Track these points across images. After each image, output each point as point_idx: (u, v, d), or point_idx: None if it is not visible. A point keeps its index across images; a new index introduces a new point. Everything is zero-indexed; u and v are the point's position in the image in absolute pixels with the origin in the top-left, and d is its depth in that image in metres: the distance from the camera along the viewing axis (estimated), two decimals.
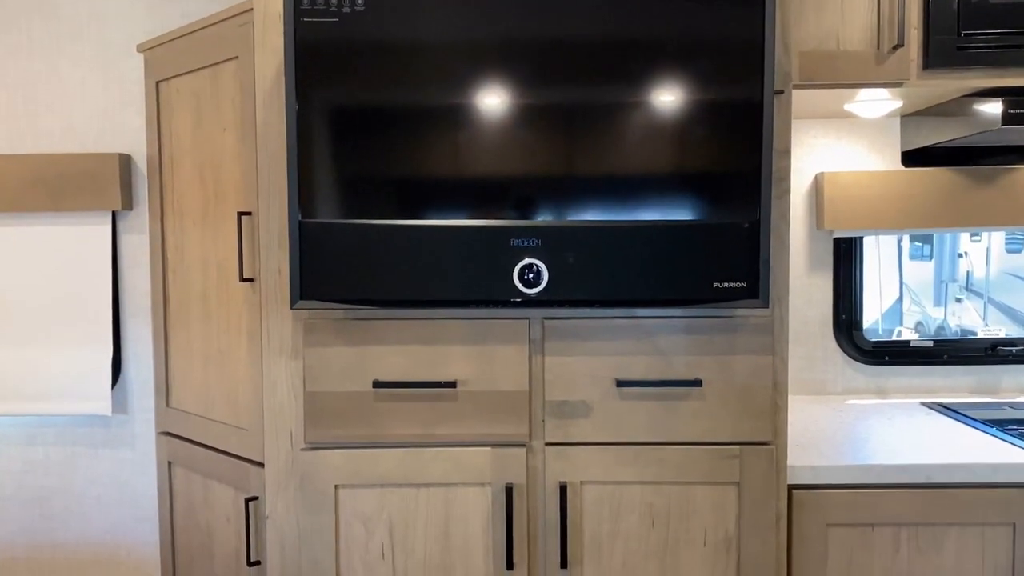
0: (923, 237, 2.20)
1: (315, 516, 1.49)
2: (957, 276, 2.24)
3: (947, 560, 1.53)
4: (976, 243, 2.25)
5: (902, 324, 2.16)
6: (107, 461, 2.17)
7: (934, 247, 2.20)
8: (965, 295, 2.22)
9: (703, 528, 1.49)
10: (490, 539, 1.49)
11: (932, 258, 2.22)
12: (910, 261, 2.24)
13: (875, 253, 2.16)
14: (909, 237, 2.18)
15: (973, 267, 2.22)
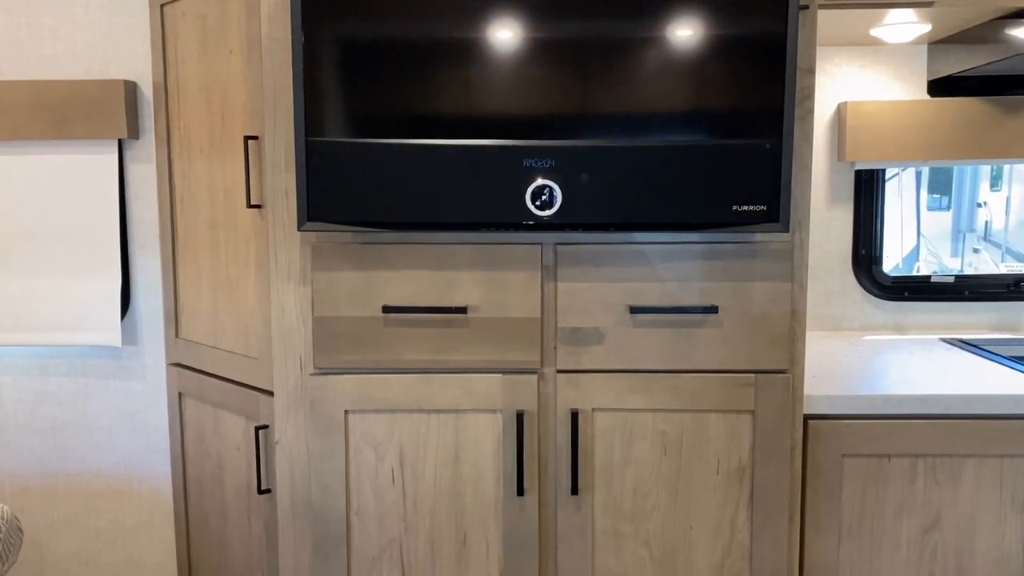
0: (941, 187, 2.15)
1: (325, 441, 1.48)
2: (975, 226, 2.19)
3: (964, 492, 1.51)
4: (996, 192, 2.20)
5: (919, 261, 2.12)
6: (118, 393, 2.17)
7: (952, 197, 2.14)
8: (983, 245, 2.17)
9: (716, 457, 1.47)
10: (500, 465, 1.48)
11: (950, 208, 2.17)
12: (928, 212, 2.19)
13: (897, 204, 2.11)
14: (928, 188, 2.12)
15: (992, 217, 2.17)
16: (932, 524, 1.52)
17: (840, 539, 1.53)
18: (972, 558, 1.52)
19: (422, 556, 1.50)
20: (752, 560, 1.48)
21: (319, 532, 1.50)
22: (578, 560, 1.49)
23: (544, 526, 1.49)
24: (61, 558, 2.22)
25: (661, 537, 1.49)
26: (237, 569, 1.94)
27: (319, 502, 1.49)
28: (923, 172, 2.17)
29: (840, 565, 1.53)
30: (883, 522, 1.52)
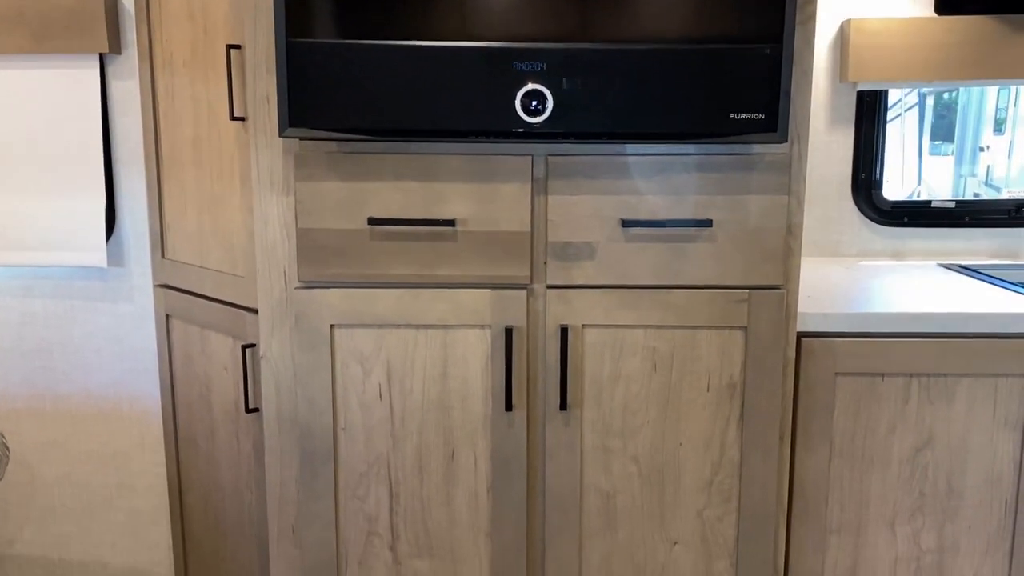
0: (944, 133, 2.10)
1: (311, 356, 1.46)
2: (977, 171, 2.15)
3: (958, 411, 1.50)
4: (999, 137, 2.15)
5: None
6: (105, 315, 2.14)
7: (955, 143, 2.09)
8: (984, 190, 2.13)
9: (707, 373, 1.45)
10: (489, 381, 1.46)
11: (953, 153, 2.13)
12: (929, 157, 2.14)
13: (898, 145, 2.06)
14: (930, 135, 2.07)
15: (994, 162, 2.12)
16: (924, 443, 1.51)
17: (831, 457, 1.52)
18: (963, 477, 1.52)
19: (410, 471, 1.49)
20: (742, 477, 1.47)
21: (306, 447, 1.49)
22: (566, 476, 1.48)
23: (532, 442, 1.48)
24: (53, 480, 2.23)
25: (650, 453, 1.47)
26: (227, 489, 1.94)
27: (305, 417, 1.48)
28: (926, 116, 2.12)
29: (831, 483, 1.53)
30: (875, 441, 1.51)
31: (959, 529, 1.53)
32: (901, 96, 2.08)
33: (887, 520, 1.54)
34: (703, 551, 1.50)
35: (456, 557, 1.51)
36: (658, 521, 1.49)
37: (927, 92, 2.13)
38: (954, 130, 2.12)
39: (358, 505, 1.51)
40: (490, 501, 1.49)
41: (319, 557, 1.52)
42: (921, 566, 1.55)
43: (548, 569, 1.51)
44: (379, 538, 1.51)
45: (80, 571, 2.26)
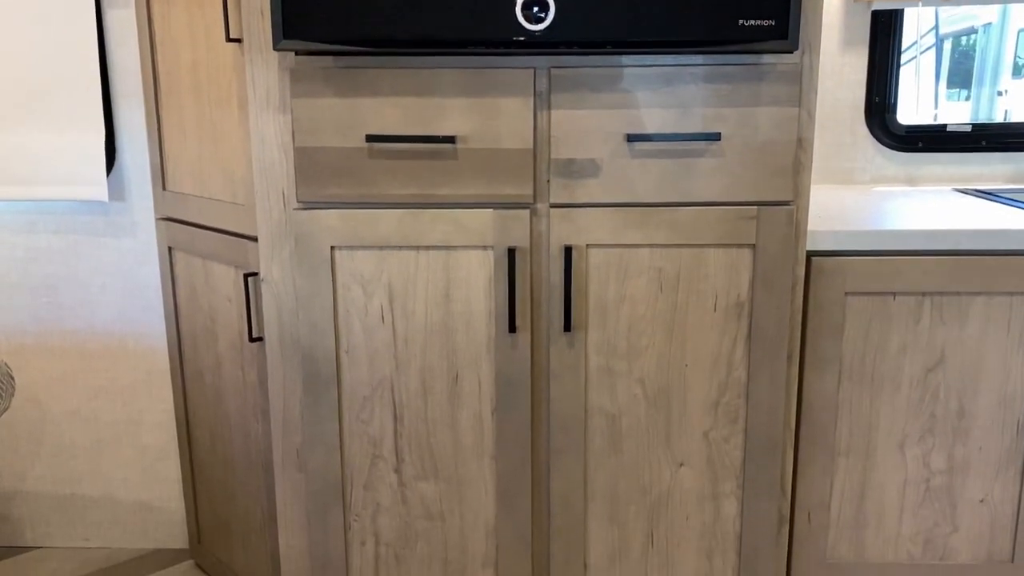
0: (961, 81, 2.03)
1: (311, 279, 1.44)
2: (994, 115, 2.08)
3: (971, 331, 1.47)
4: (1018, 80, 2.08)
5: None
6: (109, 250, 2.13)
7: (972, 89, 2.03)
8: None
9: (714, 293, 1.42)
10: (492, 303, 1.44)
11: (969, 99, 2.06)
12: (946, 103, 2.08)
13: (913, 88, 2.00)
14: (947, 82, 2.00)
15: (1012, 107, 2.06)
16: (935, 364, 1.48)
17: (840, 379, 1.50)
18: (975, 398, 1.49)
19: (414, 394, 1.48)
20: (748, 398, 1.45)
21: (309, 371, 1.47)
22: (570, 398, 1.46)
23: (536, 364, 1.47)
24: (61, 416, 2.24)
25: (655, 375, 1.46)
26: (233, 421, 1.94)
27: (308, 341, 1.46)
28: (943, 60, 2.05)
29: (839, 405, 1.51)
30: (885, 362, 1.49)
31: (970, 451, 1.51)
32: (917, 39, 2.01)
33: (896, 442, 1.52)
34: (709, 473, 1.49)
35: (461, 479, 1.51)
36: (663, 443, 1.48)
37: (945, 36, 2.06)
38: (971, 78, 2.05)
39: (362, 428, 1.50)
40: (494, 424, 1.48)
41: (324, 481, 1.51)
42: (930, 488, 1.53)
43: (553, 491, 1.50)
44: (384, 461, 1.51)
45: (91, 506, 2.29)
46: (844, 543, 1.56)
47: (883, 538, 1.56)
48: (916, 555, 1.56)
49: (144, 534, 2.30)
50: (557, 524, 1.51)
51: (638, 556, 1.52)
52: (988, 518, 1.54)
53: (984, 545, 1.55)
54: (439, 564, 1.54)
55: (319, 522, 1.53)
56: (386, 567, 1.55)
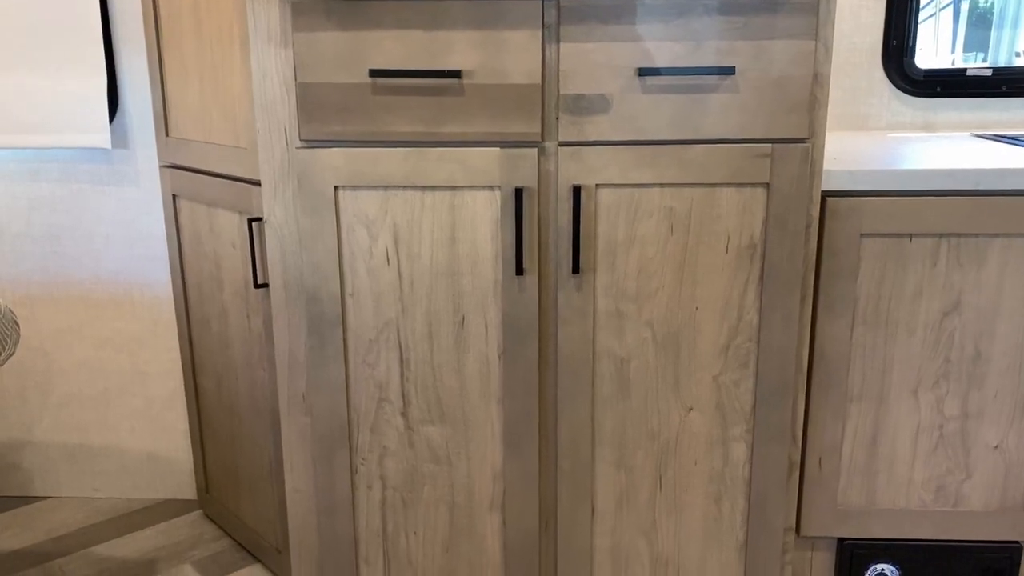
0: (979, 44, 1.96)
1: (315, 220, 1.41)
2: (1013, 60, 2.02)
3: (988, 274, 1.44)
4: None
5: None
6: (113, 199, 2.11)
7: (989, 52, 1.96)
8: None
9: (726, 234, 1.39)
10: (499, 245, 1.41)
11: (986, 61, 1.99)
12: (963, 52, 2.01)
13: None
14: (963, 46, 1.93)
15: None
16: (951, 308, 1.45)
17: (854, 323, 1.47)
18: (991, 342, 1.46)
19: (420, 338, 1.46)
20: (760, 342, 1.43)
21: (314, 314, 1.46)
22: (578, 342, 1.44)
23: (544, 307, 1.44)
24: (69, 366, 2.23)
25: (665, 318, 1.43)
26: (239, 369, 1.94)
27: (312, 283, 1.44)
28: (960, 22, 1.99)
29: (852, 350, 1.48)
30: (900, 306, 1.46)
31: (985, 396, 1.49)
32: None
33: (910, 387, 1.49)
34: (718, 417, 1.47)
35: (468, 423, 1.50)
36: (673, 387, 1.46)
37: None
38: (988, 43, 1.99)
39: (368, 372, 1.48)
40: (501, 367, 1.47)
41: (330, 424, 1.50)
42: (944, 434, 1.51)
43: (560, 435, 1.49)
44: (390, 404, 1.50)
45: (100, 456, 2.29)
46: (855, 489, 1.55)
47: (895, 484, 1.54)
48: (928, 501, 1.54)
49: (152, 484, 2.31)
50: (564, 468, 1.50)
51: (646, 500, 1.51)
52: (1002, 464, 1.52)
53: (997, 492, 1.53)
54: (446, 507, 1.54)
55: (325, 466, 1.52)
56: (393, 510, 1.54)
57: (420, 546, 1.56)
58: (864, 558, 1.57)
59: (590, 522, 1.52)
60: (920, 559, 1.56)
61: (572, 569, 1.54)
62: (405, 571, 1.58)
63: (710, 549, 1.53)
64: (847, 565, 1.58)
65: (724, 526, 1.51)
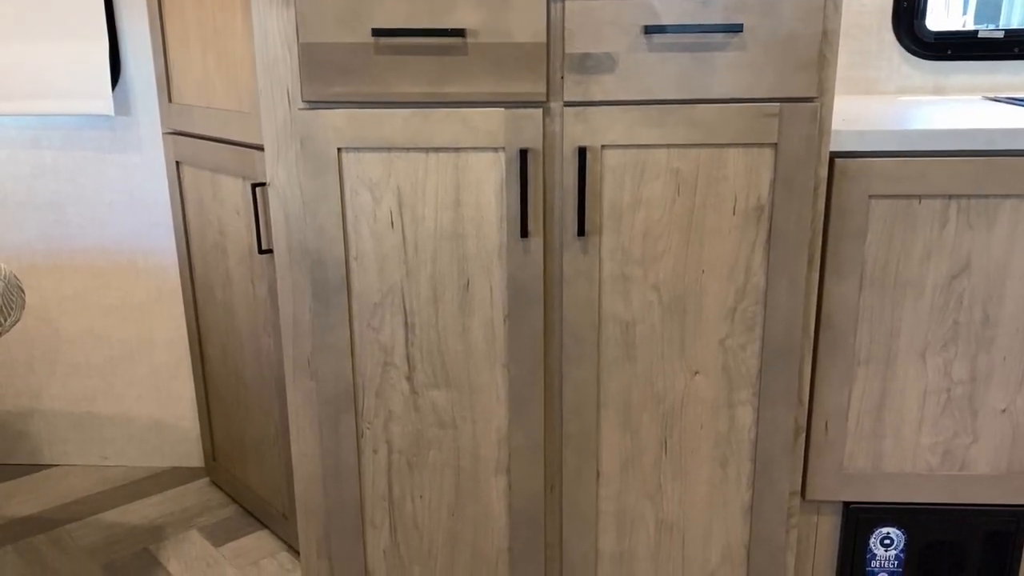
0: (991, 5, 1.93)
1: (318, 182, 1.40)
2: None
3: (998, 236, 1.42)
4: None
5: None
6: (116, 167, 2.10)
7: (1001, 14, 1.93)
8: None
9: (733, 195, 1.38)
10: (504, 208, 1.40)
11: (998, 23, 1.96)
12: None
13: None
14: (973, 19, 1.90)
15: None
16: (960, 270, 1.44)
17: (861, 286, 1.46)
18: (1000, 305, 1.45)
19: (424, 301, 1.46)
20: (767, 305, 1.42)
21: (318, 277, 1.45)
22: (584, 305, 1.43)
23: (549, 270, 1.43)
24: (75, 335, 2.24)
25: (671, 281, 1.42)
26: (244, 336, 1.94)
27: (316, 247, 1.43)
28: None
29: (860, 313, 1.47)
30: (908, 268, 1.45)
31: (993, 359, 1.48)
32: None
33: (918, 351, 1.48)
34: (724, 381, 1.46)
35: (473, 387, 1.49)
36: (678, 351, 1.45)
37: None
38: (1000, 5, 1.95)
39: (373, 336, 1.48)
40: (506, 331, 1.46)
41: (336, 388, 1.50)
42: (952, 397, 1.50)
43: (566, 399, 1.48)
44: (395, 369, 1.49)
45: (107, 425, 2.30)
46: (861, 453, 1.54)
47: (901, 448, 1.54)
48: (935, 465, 1.54)
49: (159, 452, 2.32)
50: (570, 431, 1.50)
51: (651, 464, 1.51)
52: (1009, 428, 1.51)
53: (1004, 456, 1.53)
54: (451, 471, 1.54)
55: (331, 430, 1.53)
56: (398, 474, 1.55)
57: (426, 509, 1.57)
58: (869, 522, 1.57)
59: (595, 485, 1.53)
60: (926, 523, 1.56)
61: (577, 532, 1.55)
62: (411, 534, 1.58)
63: (715, 513, 1.53)
64: (852, 529, 1.58)
65: (729, 490, 1.51)
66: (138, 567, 1.90)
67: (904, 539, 1.57)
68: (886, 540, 1.58)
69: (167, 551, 1.96)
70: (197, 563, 1.91)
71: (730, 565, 1.55)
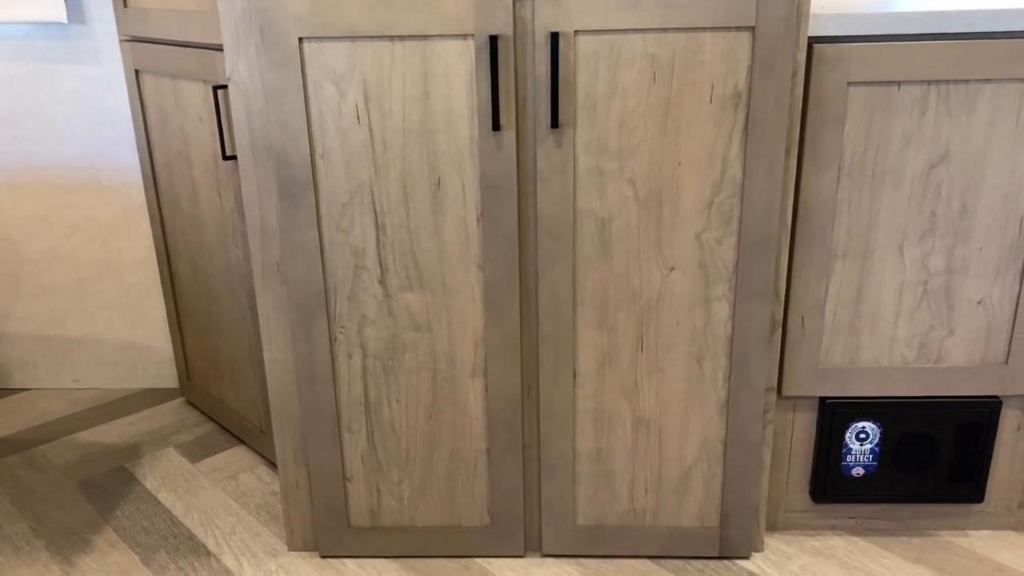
0: None
1: (280, 74, 1.35)
2: None
3: (977, 123, 1.40)
4: None
5: None
6: (73, 78, 2.02)
7: None
8: None
9: (710, 82, 1.34)
10: (474, 99, 1.36)
11: None
12: None
13: None
14: None
15: None
16: (939, 159, 1.42)
17: (839, 176, 1.43)
18: (978, 195, 1.44)
19: (395, 200, 1.42)
20: (744, 197, 1.39)
21: (283, 176, 1.41)
22: (558, 201, 1.40)
23: (523, 166, 1.40)
24: (38, 256, 2.18)
25: (647, 175, 1.39)
26: (214, 250, 1.89)
27: (280, 144, 1.39)
28: None
29: (838, 204, 1.45)
30: (887, 158, 1.42)
31: (970, 251, 1.47)
32: None
33: (895, 243, 1.47)
34: (700, 276, 1.44)
35: (448, 289, 1.47)
36: (655, 246, 1.43)
37: None
38: None
39: (343, 238, 1.44)
40: (480, 230, 1.43)
41: (307, 293, 1.47)
42: (928, 290, 1.50)
43: (542, 298, 1.46)
44: (367, 272, 1.46)
45: (77, 347, 2.26)
46: (838, 348, 1.54)
47: (878, 342, 1.54)
48: (910, 359, 1.54)
49: (132, 374, 2.29)
50: (546, 332, 1.48)
51: (627, 362, 1.50)
52: (985, 320, 1.52)
53: (979, 347, 1.53)
54: (428, 375, 1.52)
55: (303, 335, 1.50)
56: (374, 379, 1.53)
57: (403, 413, 1.55)
58: (845, 416, 1.58)
59: (572, 385, 1.52)
60: (901, 416, 1.57)
61: (555, 432, 1.55)
62: (388, 439, 1.57)
63: (692, 409, 1.53)
64: (828, 424, 1.58)
65: (706, 386, 1.51)
66: (115, 484, 1.88)
67: (879, 433, 1.59)
68: (861, 434, 1.59)
69: (143, 468, 1.94)
70: (174, 478, 1.90)
71: (706, 461, 1.56)
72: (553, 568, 1.61)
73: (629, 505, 1.60)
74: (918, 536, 1.67)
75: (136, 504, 1.81)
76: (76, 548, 1.67)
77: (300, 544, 1.68)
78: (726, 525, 1.60)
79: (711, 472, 1.57)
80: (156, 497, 1.83)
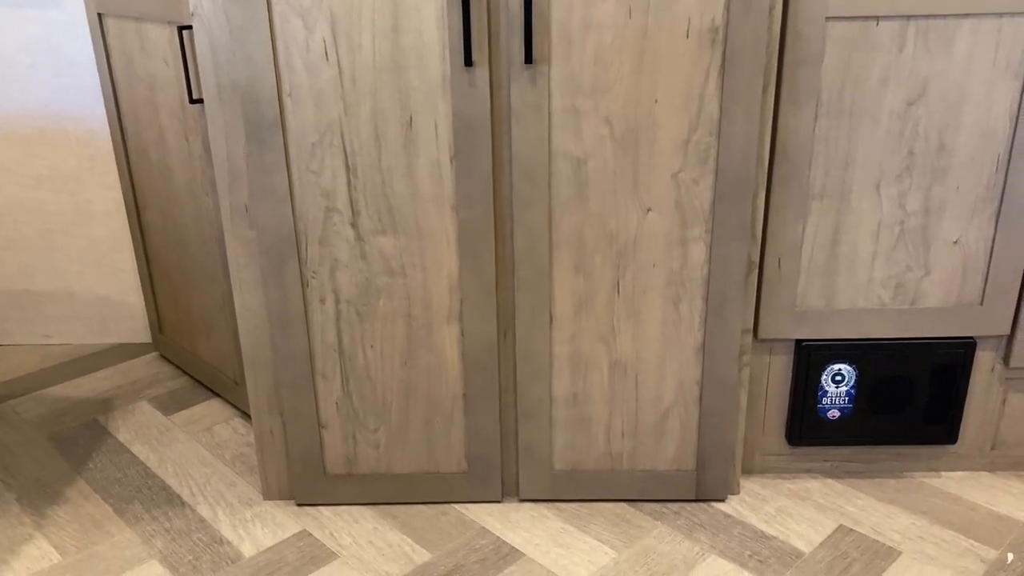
0: None
1: (244, 8, 1.30)
2: None
3: (956, 59, 1.38)
4: None
5: None
6: (33, 23, 1.96)
7: None
8: None
9: (687, 16, 1.31)
10: (446, 34, 1.32)
11: None
12: None
13: None
14: None
15: None
16: (917, 96, 1.40)
17: (817, 114, 1.42)
18: (956, 133, 1.42)
19: (365, 140, 1.39)
20: (721, 136, 1.37)
21: (250, 115, 1.37)
22: (533, 141, 1.38)
23: (496, 104, 1.37)
24: (3, 207, 2.13)
25: (623, 113, 1.37)
26: (183, 198, 1.86)
27: (246, 81, 1.35)
28: None
29: (815, 143, 1.44)
30: (864, 95, 1.41)
31: (947, 190, 1.46)
32: None
33: (872, 183, 1.46)
34: (677, 217, 1.43)
35: (421, 232, 1.44)
36: (631, 187, 1.41)
37: None
38: None
39: (313, 180, 1.41)
40: (453, 171, 1.40)
41: (277, 236, 1.44)
42: (905, 230, 1.49)
43: (517, 241, 1.44)
44: (339, 214, 1.44)
45: (47, 302, 2.22)
46: (814, 290, 1.54)
47: (854, 284, 1.53)
48: (887, 300, 1.54)
49: (104, 328, 2.25)
50: (522, 275, 1.47)
51: (604, 305, 1.49)
52: (960, 260, 1.51)
53: (955, 288, 1.53)
54: (403, 320, 1.50)
55: (275, 280, 1.47)
56: (348, 324, 1.51)
57: (378, 359, 1.54)
58: (821, 359, 1.58)
59: (548, 329, 1.50)
60: (876, 358, 1.57)
61: (532, 377, 1.54)
62: (364, 385, 1.56)
63: (668, 352, 1.52)
64: (804, 366, 1.59)
65: (682, 329, 1.50)
66: (87, 437, 1.86)
67: (855, 375, 1.59)
68: (837, 376, 1.59)
69: (116, 421, 1.92)
70: (148, 431, 1.88)
71: (683, 404, 1.56)
72: (530, 512, 1.61)
73: (606, 449, 1.60)
74: (892, 477, 1.68)
75: (109, 456, 1.79)
76: (48, 500, 1.65)
77: (276, 493, 1.67)
78: (702, 468, 1.61)
79: (687, 415, 1.57)
80: (129, 449, 1.81)
